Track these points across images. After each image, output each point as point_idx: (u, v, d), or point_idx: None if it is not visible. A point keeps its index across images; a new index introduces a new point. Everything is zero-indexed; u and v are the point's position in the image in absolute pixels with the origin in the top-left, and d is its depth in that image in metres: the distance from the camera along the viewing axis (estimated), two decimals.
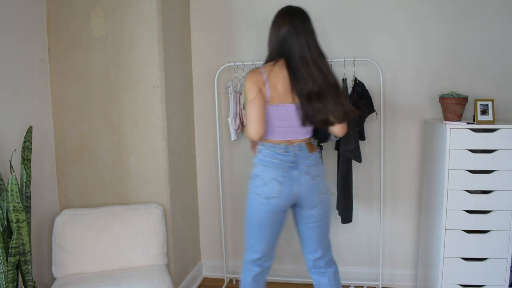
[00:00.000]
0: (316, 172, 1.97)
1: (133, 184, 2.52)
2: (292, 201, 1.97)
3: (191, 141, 2.98)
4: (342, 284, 2.90)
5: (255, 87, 1.89)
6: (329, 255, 2.11)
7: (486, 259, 2.34)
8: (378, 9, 2.71)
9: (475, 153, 2.28)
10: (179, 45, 2.73)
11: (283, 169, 1.93)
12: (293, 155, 1.94)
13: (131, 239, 2.29)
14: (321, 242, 2.06)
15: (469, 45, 2.64)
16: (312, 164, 1.97)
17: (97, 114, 2.50)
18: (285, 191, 1.93)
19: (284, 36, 1.91)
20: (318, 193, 1.97)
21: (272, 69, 1.91)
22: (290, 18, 1.93)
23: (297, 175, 1.94)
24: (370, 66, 2.72)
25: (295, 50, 1.89)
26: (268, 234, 2.02)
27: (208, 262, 3.16)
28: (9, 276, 1.85)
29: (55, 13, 2.46)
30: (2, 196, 1.92)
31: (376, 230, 2.87)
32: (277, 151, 1.94)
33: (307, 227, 2.04)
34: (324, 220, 2.04)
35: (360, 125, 2.62)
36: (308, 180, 1.95)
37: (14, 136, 2.16)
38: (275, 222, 2.00)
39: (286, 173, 1.93)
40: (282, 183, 1.93)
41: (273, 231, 2.03)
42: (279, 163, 1.94)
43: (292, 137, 1.96)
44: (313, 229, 2.04)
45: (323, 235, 2.06)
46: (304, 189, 1.95)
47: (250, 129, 1.91)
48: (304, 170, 1.95)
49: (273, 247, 2.09)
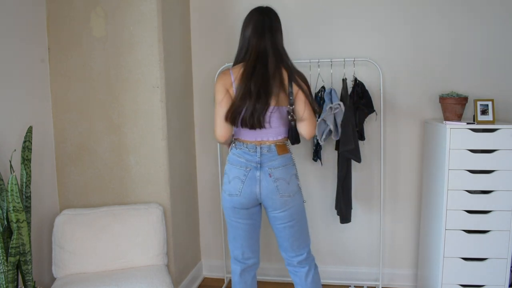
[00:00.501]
0: (280, 174, 1.96)
1: (133, 184, 2.52)
2: (254, 200, 2.00)
3: (191, 141, 2.98)
4: (342, 284, 2.92)
5: (222, 89, 1.95)
6: (302, 255, 2.07)
7: (486, 259, 2.34)
8: (378, 9, 2.71)
9: (475, 153, 2.28)
10: (179, 45, 2.73)
11: (247, 168, 1.97)
12: (259, 155, 1.96)
13: (131, 239, 2.29)
14: (291, 243, 2.05)
15: (469, 45, 2.64)
16: (278, 167, 1.96)
17: (97, 114, 2.50)
18: (246, 190, 1.97)
19: (249, 36, 1.97)
20: (279, 196, 1.96)
21: (240, 70, 1.96)
22: (255, 18, 1.98)
23: (259, 175, 1.96)
24: (370, 66, 2.72)
25: (257, 50, 1.94)
26: (240, 231, 2.06)
27: (208, 262, 3.16)
28: (9, 276, 1.85)
29: (55, 13, 2.46)
30: (2, 196, 1.92)
31: (376, 230, 2.87)
32: (244, 151, 1.98)
33: (275, 228, 2.06)
34: (292, 222, 2.01)
35: (360, 125, 2.62)
36: (269, 182, 1.95)
37: (14, 136, 2.16)
38: (244, 219, 2.03)
39: (249, 172, 1.96)
40: (243, 181, 1.97)
41: (245, 227, 2.05)
42: (244, 162, 1.98)
43: (263, 137, 1.97)
44: (280, 230, 2.04)
45: (292, 236, 2.04)
46: (264, 191, 1.96)
47: (216, 131, 1.97)
48: (267, 171, 1.96)
49: (252, 242, 2.10)
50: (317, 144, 2.73)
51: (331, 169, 2.84)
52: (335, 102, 2.52)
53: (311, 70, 2.72)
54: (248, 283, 2.15)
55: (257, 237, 2.12)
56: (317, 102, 2.67)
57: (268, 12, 2.01)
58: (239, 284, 2.15)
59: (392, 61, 2.73)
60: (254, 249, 2.12)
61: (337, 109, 2.52)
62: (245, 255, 2.11)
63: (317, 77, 2.72)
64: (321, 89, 2.68)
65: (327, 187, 2.88)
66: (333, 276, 2.95)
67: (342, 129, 2.51)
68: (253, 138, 1.98)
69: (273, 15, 2.01)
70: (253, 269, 2.16)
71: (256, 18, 1.98)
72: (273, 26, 1.98)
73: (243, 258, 2.12)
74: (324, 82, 2.71)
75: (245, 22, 2.01)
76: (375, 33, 2.73)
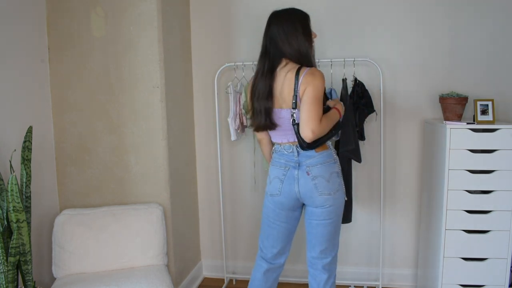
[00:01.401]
0: (318, 172, 1.96)
1: (133, 184, 2.52)
2: (294, 199, 2.01)
3: (191, 141, 2.98)
4: (342, 284, 2.92)
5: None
6: (328, 258, 2.07)
7: (486, 259, 2.34)
8: (378, 9, 2.71)
9: (475, 153, 2.28)
10: (179, 45, 2.73)
11: (286, 168, 1.99)
12: (296, 155, 1.97)
13: (131, 239, 2.29)
14: (320, 242, 2.05)
15: (469, 45, 2.64)
16: (316, 164, 1.96)
17: (97, 114, 2.50)
18: (286, 189, 2.00)
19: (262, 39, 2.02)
20: (318, 194, 1.96)
21: None
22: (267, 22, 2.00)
23: (297, 174, 1.97)
24: (370, 66, 2.72)
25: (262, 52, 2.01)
26: (276, 230, 2.09)
27: (208, 262, 3.16)
28: (9, 276, 1.85)
29: (55, 13, 2.46)
30: (2, 196, 1.92)
31: (376, 230, 2.87)
32: (283, 153, 2.01)
33: (308, 223, 2.06)
34: (328, 220, 2.01)
35: (360, 125, 2.62)
36: (307, 180, 1.96)
37: (14, 136, 2.16)
38: (282, 220, 2.07)
39: (288, 171, 1.99)
40: (282, 181, 2.00)
41: (281, 229, 2.08)
42: (284, 162, 2.01)
43: (295, 138, 1.96)
44: (313, 227, 2.04)
45: (324, 236, 2.04)
46: (303, 189, 1.97)
47: None
48: (305, 169, 1.96)
49: (283, 245, 2.12)
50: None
51: None
52: None
53: None
54: (269, 283, 2.15)
55: (290, 240, 2.14)
56: None
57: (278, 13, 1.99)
58: (260, 281, 2.14)
59: (392, 61, 2.73)
60: (284, 252, 2.14)
61: None
62: (274, 256, 2.13)
63: None
64: None
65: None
66: None
67: (342, 129, 2.51)
68: (286, 140, 2.00)
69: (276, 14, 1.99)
70: (278, 270, 2.17)
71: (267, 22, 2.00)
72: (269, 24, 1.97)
73: (272, 258, 2.13)
74: None
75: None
76: (375, 33, 2.73)
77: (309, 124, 1.83)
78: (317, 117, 1.84)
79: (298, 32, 1.93)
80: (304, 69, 1.89)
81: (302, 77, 1.87)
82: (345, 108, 2.51)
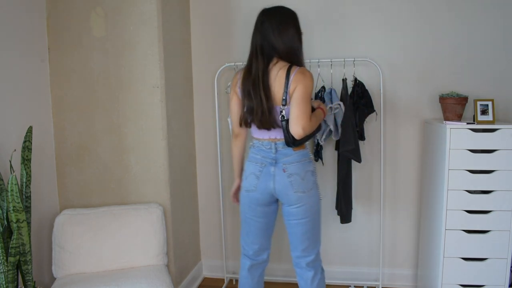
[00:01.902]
0: (294, 170, 1.97)
1: (133, 184, 2.52)
2: (270, 196, 2.03)
3: (191, 141, 2.98)
4: (342, 284, 2.92)
5: (233, 90, 2.08)
6: (311, 256, 2.08)
7: (486, 259, 2.34)
8: (378, 9, 2.71)
9: (475, 153, 2.28)
10: (179, 45, 2.73)
11: (262, 164, 2.01)
12: (274, 151, 1.99)
13: (131, 239, 2.29)
14: (301, 241, 2.06)
15: (469, 45, 2.64)
16: (292, 162, 1.97)
17: (97, 114, 2.50)
18: (261, 186, 2.02)
19: (252, 37, 2.02)
20: (293, 192, 1.97)
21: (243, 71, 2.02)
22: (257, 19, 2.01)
23: (273, 171, 1.99)
24: (370, 66, 2.72)
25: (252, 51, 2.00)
26: (254, 227, 2.11)
27: (208, 262, 3.16)
28: (9, 276, 1.85)
29: (55, 13, 2.46)
30: (2, 196, 1.92)
31: (376, 230, 2.87)
32: (262, 148, 2.03)
33: (287, 223, 2.08)
34: (305, 219, 2.02)
35: (360, 125, 2.62)
36: (283, 177, 1.97)
37: (14, 136, 2.16)
38: (258, 217, 2.08)
39: (264, 168, 2.01)
40: (258, 177, 2.02)
41: (258, 225, 2.10)
42: (260, 158, 2.02)
43: (277, 136, 1.99)
44: (292, 226, 2.06)
45: (304, 235, 2.05)
46: (278, 186, 1.99)
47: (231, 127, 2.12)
48: (281, 167, 1.98)
49: (263, 241, 2.13)
50: (317, 144, 2.73)
51: (331, 169, 2.84)
52: (335, 102, 2.53)
53: (311, 70, 2.70)
54: (255, 279, 2.17)
55: (269, 234, 2.15)
56: None
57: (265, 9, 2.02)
58: (246, 278, 2.17)
59: (392, 61, 2.73)
60: (265, 247, 2.16)
61: (337, 109, 2.52)
62: (255, 252, 2.15)
63: (317, 77, 2.72)
64: (321, 89, 2.68)
65: (327, 187, 2.88)
66: (333, 276, 2.94)
67: (342, 129, 2.51)
68: (267, 136, 2.01)
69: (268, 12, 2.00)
70: (262, 266, 2.19)
71: (257, 19, 2.01)
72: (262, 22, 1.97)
73: (254, 254, 2.15)
74: (324, 82, 2.71)
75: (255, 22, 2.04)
76: (375, 33, 2.73)
77: (300, 121, 1.87)
78: (308, 115, 1.89)
79: (291, 30, 1.97)
80: (295, 67, 1.93)
81: (293, 76, 1.91)
82: (345, 108, 2.52)
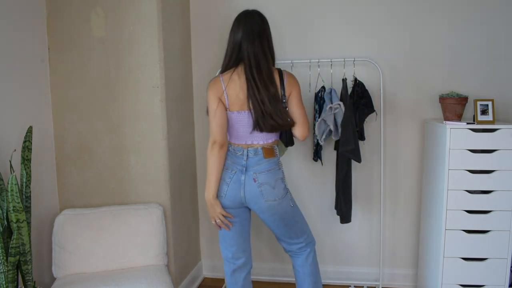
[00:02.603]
0: (264, 179, 1.95)
1: (133, 184, 2.52)
2: (239, 203, 2.00)
3: (191, 141, 2.98)
4: (342, 284, 2.93)
5: (215, 98, 1.95)
6: (301, 243, 2.10)
7: (486, 259, 2.34)
8: (378, 9, 2.71)
9: (475, 153, 2.28)
10: (179, 45, 2.73)
11: (232, 171, 1.98)
12: (246, 158, 1.96)
13: (131, 239, 2.30)
14: (285, 237, 2.09)
15: (469, 45, 2.64)
16: (262, 171, 1.96)
17: (97, 114, 2.50)
18: (231, 193, 1.98)
19: (239, 41, 1.94)
20: (264, 201, 1.96)
21: (231, 77, 1.95)
22: (244, 23, 1.95)
23: (243, 179, 1.96)
24: (370, 66, 2.72)
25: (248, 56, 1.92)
26: (229, 232, 2.07)
27: (208, 262, 3.16)
28: (9, 276, 1.85)
29: (55, 13, 2.46)
30: (2, 196, 1.92)
31: (376, 230, 2.87)
32: (234, 154, 1.99)
33: (267, 225, 2.09)
34: (282, 222, 2.02)
35: (360, 125, 2.62)
36: (253, 186, 1.95)
37: (14, 136, 2.17)
38: (231, 220, 2.04)
39: (234, 175, 1.97)
40: (228, 184, 1.98)
41: (233, 227, 2.06)
42: (232, 165, 1.99)
43: (253, 141, 1.97)
44: (273, 228, 2.08)
45: (285, 233, 2.07)
46: (248, 195, 1.97)
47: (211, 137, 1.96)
48: (252, 176, 1.95)
49: (240, 243, 2.11)
50: (317, 144, 2.73)
51: (331, 169, 2.84)
52: (335, 102, 2.53)
53: (311, 70, 2.72)
54: (239, 284, 2.14)
55: (246, 236, 2.13)
56: (317, 102, 2.67)
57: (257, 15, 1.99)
58: (230, 284, 2.15)
59: (392, 61, 2.73)
60: (244, 249, 2.12)
61: (337, 109, 2.52)
62: (234, 255, 2.11)
63: (317, 77, 2.72)
64: (321, 89, 2.68)
65: (327, 187, 2.88)
66: (333, 276, 2.95)
67: (342, 129, 2.51)
68: (242, 141, 1.98)
69: (261, 19, 1.99)
70: (244, 269, 2.14)
71: (244, 22, 1.95)
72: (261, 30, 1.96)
73: (233, 258, 2.11)
74: (324, 82, 2.71)
75: (234, 26, 1.98)
76: (375, 33, 2.73)
77: (307, 124, 1.96)
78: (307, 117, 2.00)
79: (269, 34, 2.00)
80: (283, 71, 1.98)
81: (286, 79, 1.94)
82: (345, 108, 2.52)
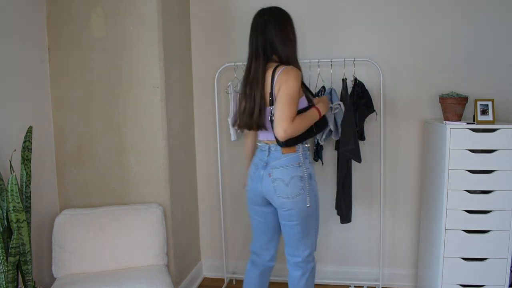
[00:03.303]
0: (278, 175, 1.95)
1: (133, 184, 2.52)
2: (261, 197, 2.05)
3: (191, 141, 2.98)
4: (342, 284, 2.93)
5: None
6: (298, 258, 2.05)
7: (486, 259, 2.34)
8: (378, 9, 2.71)
9: (475, 153, 2.28)
10: (179, 45, 2.73)
11: (255, 166, 2.05)
12: (267, 154, 2.00)
13: (131, 239, 2.29)
14: (289, 241, 2.07)
15: (469, 45, 2.64)
16: (279, 167, 1.96)
17: (97, 114, 2.50)
18: (253, 187, 2.07)
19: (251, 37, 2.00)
20: (276, 196, 1.97)
21: None
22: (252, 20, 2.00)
23: (262, 174, 2.01)
24: (370, 66, 2.72)
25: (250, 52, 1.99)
26: (254, 226, 2.16)
27: (208, 262, 3.16)
28: (9, 276, 1.85)
29: (55, 13, 2.46)
30: (2, 196, 1.92)
31: (376, 230, 2.87)
32: (260, 150, 2.06)
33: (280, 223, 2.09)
34: (292, 222, 1.99)
35: (360, 125, 2.62)
36: (268, 181, 1.98)
37: (14, 136, 2.16)
38: (256, 216, 2.12)
39: (257, 170, 2.04)
40: (252, 179, 2.07)
41: (257, 223, 2.14)
42: (257, 161, 2.06)
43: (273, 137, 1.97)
44: (282, 226, 2.08)
45: (291, 236, 2.04)
46: (265, 189, 2.01)
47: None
48: (269, 171, 1.98)
49: (264, 242, 2.15)
50: (317, 144, 2.73)
51: (331, 169, 2.84)
52: (335, 102, 2.53)
53: (311, 70, 2.72)
54: (254, 277, 2.19)
55: (270, 236, 2.15)
56: None
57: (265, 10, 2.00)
58: (247, 272, 2.22)
59: (392, 61, 2.73)
60: (267, 248, 2.17)
61: (337, 109, 2.52)
62: (257, 250, 2.18)
63: (317, 77, 2.72)
64: (321, 89, 2.67)
65: (327, 187, 2.88)
66: (333, 276, 2.95)
67: (342, 129, 2.51)
68: (265, 138, 2.03)
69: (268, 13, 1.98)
70: (263, 266, 2.19)
71: (253, 20, 2.01)
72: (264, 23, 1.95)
73: (255, 252, 2.19)
74: (324, 82, 2.71)
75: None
76: (375, 33, 2.73)
77: (281, 123, 1.81)
78: (289, 116, 1.82)
79: (289, 30, 1.98)
80: (280, 67, 1.90)
81: (278, 76, 1.88)
82: (345, 108, 2.52)
